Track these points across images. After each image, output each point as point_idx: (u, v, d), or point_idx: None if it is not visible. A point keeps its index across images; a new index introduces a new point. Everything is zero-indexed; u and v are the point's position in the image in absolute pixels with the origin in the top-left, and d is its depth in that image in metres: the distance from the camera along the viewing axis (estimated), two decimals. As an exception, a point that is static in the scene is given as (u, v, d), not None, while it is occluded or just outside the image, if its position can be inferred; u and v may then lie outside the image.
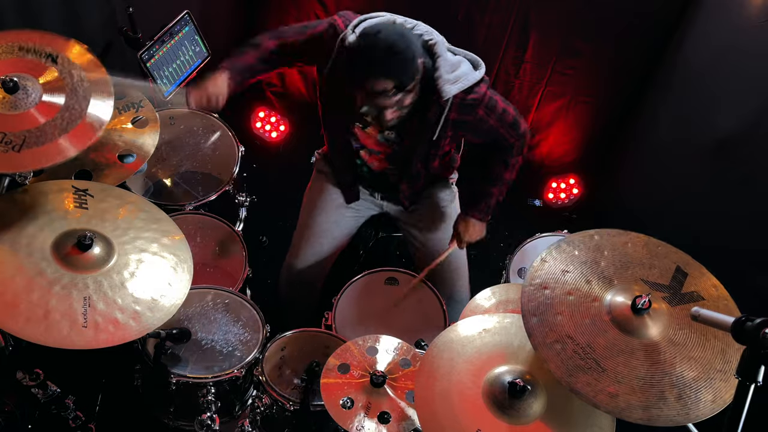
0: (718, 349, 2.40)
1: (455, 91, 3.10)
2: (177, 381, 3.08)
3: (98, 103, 2.72)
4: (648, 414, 2.31)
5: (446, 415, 2.58)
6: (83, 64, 2.80)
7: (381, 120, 3.10)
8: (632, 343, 2.43)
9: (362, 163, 3.63)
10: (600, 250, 2.69)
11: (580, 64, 4.91)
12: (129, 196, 3.03)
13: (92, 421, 3.47)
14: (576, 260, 2.67)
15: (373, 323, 3.58)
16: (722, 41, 3.98)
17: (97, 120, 2.69)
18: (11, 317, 2.44)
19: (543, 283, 2.61)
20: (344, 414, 2.87)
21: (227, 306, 3.37)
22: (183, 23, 3.98)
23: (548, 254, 2.70)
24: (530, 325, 2.52)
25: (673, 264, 2.62)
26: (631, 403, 2.33)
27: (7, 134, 2.54)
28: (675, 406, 2.31)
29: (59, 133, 2.60)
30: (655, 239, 2.72)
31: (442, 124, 3.21)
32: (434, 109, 3.16)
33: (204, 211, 3.80)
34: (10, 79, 2.60)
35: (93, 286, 2.61)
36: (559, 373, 2.41)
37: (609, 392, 2.35)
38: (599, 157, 5.37)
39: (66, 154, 2.58)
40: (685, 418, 2.31)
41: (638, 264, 2.64)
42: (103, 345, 2.51)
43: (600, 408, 2.34)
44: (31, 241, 2.64)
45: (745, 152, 3.74)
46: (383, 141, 3.42)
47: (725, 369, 2.36)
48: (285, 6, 5.25)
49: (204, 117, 4.09)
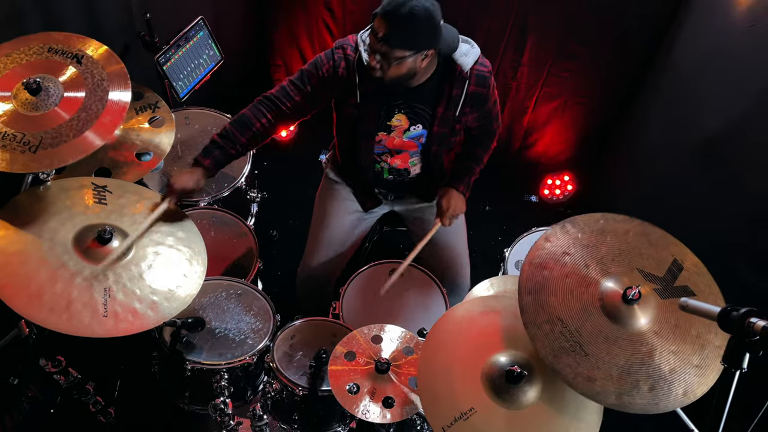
0: (698, 345, 2.38)
1: (471, 63, 3.20)
2: (192, 367, 3.08)
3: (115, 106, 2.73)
4: (620, 401, 2.32)
5: (445, 389, 2.58)
6: (106, 66, 2.81)
7: (383, 70, 3.07)
8: (618, 331, 2.42)
9: (382, 167, 3.62)
10: (603, 234, 2.67)
11: (575, 67, 4.91)
12: (146, 192, 3.03)
13: (111, 406, 3.48)
14: (578, 243, 2.64)
15: (378, 313, 3.58)
16: (710, 46, 3.97)
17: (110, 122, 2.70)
18: (36, 308, 2.44)
19: (543, 263, 2.59)
20: (350, 399, 2.87)
21: (239, 296, 3.37)
22: (197, 28, 3.99)
23: (553, 234, 2.68)
24: (524, 302, 2.51)
25: (671, 256, 2.60)
26: (606, 388, 2.33)
27: (26, 134, 2.55)
28: (646, 396, 2.31)
29: (74, 135, 2.61)
30: (658, 228, 2.70)
31: (463, 99, 3.27)
32: (458, 83, 3.23)
33: (217, 207, 3.81)
34: (34, 81, 2.60)
35: (113, 278, 2.62)
36: (544, 351, 2.41)
37: (587, 376, 2.35)
38: (593, 155, 5.37)
39: (81, 153, 2.59)
40: (654, 408, 2.31)
41: (636, 253, 2.61)
42: (123, 333, 2.52)
43: (576, 389, 2.35)
44: (54, 235, 2.65)
45: (731, 151, 3.74)
46: (408, 139, 3.44)
47: (702, 365, 2.35)
48: (294, 11, 5.25)
49: (218, 117, 4.11)
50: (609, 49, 4.73)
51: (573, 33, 4.73)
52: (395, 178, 3.67)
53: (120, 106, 2.75)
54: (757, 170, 3.55)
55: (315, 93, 3.31)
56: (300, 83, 3.31)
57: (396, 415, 2.84)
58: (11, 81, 2.65)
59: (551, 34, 4.79)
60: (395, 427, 3.20)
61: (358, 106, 3.32)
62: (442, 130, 3.39)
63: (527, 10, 4.69)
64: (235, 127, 3.30)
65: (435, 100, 3.29)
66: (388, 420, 2.83)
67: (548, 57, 4.91)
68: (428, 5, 2.90)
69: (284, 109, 3.33)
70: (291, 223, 4.95)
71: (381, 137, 3.43)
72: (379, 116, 3.35)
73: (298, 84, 3.31)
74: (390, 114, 3.35)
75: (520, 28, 4.79)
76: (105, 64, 2.82)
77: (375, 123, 3.37)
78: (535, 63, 4.96)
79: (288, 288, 4.12)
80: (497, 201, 5.37)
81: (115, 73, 2.81)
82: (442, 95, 3.27)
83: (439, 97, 3.28)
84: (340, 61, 3.24)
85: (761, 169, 3.53)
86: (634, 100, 4.88)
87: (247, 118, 3.32)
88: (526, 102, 5.22)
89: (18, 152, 2.51)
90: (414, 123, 3.37)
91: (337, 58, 3.24)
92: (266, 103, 3.35)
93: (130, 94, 2.79)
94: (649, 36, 4.58)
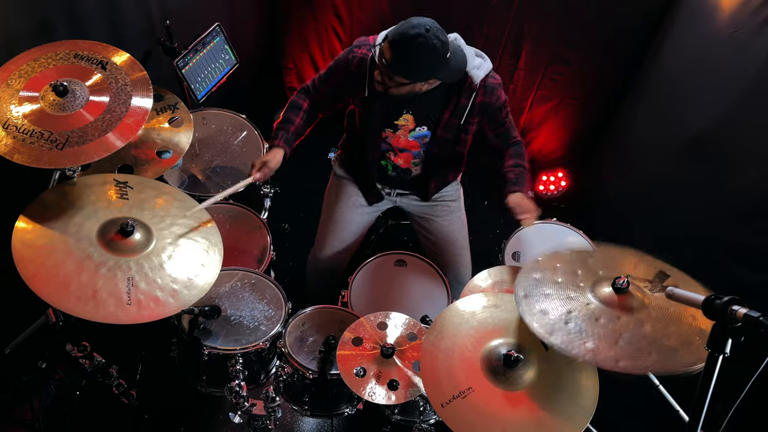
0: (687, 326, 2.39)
1: (482, 76, 3.21)
2: (209, 352, 3.08)
3: (137, 110, 2.74)
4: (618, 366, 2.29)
5: (445, 369, 2.60)
6: (129, 73, 2.82)
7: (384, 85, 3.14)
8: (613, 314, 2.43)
9: (387, 163, 3.65)
10: (591, 254, 2.72)
11: (568, 71, 4.90)
12: (164, 188, 3.03)
13: (133, 388, 3.48)
14: (567, 258, 2.69)
15: (383, 301, 3.59)
16: (695, 50, 3.96)
17: (134, 123, 2.71)
18: (64, 296, 2.45)
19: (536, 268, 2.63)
20: (357, 382, 2.88)
21: (253, 285, 3.37)
22: (214, 34, 3.98)
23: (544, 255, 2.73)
24: (519, 298, 2.55)
25: (656, 270, 2.60)
26: (608, 355, 2.31)
27: (54, 133, 2.56)
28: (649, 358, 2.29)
29: (98, 135, 2.62)
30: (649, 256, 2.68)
31: (469, 109, 3.28)
32: (466, 94, 3.24)
33: (233, 201, 3.81)
34: (61, 84, 2.61)
35: (135, 268, 2.62)
36: (542, 332, 2.42)
37: (585, 346, 2.35)
38: (585, 153, 5.36)
39: (104, 152, 2.60)
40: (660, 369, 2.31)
41: (624, 266, 2.62)
42: (146, 320, 2.52)
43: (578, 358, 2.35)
44: (79, 228, 2.65)
45: (715, 149, 3.73)
46: (413, 138, 3.45)
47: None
48: (305, 18, 5.24)
49: (233, 117, 4.11)
50: (599, 54, 4.72)
51: (565, 39, 4.72)
52: (398, 175, 3.69)
53: (142, 110, 2.76)
54: (740, 168, 3.56)
55: (335, 87, 3.49)
56: (324, 78, 3.52)
57: (400, 397, 2.85)
58: (39, 83, 2.66)
59: (545, 40, 4.78)
60: (400, 408, 3.21)
61: (368, 102, 3.36)
62: (446, 135, 3.40)
63: (523, 18, 4.69)
64: (289, 112, 3.57)
65: (443, 105, 3.30)
66: (393, 401, 2.85)
67: (543, 61, 4.91)
68: (435, 43, 2.91)
69: (315, 98, 3.60)
70: (302, 217, 4.94)
71: (387, 134, 3.45)
72: (387, 114, 3.38)
73: (323, 78, 3.54)
74: (398, 113, 3.37)
75: (517, 34, 4.79)
76: (128, 70, 2.83)
77: (382, 120, 3.39)
78: (531, 67, 4.96)
79: (299, 277, 4.14)
80: (496, 196, 5.36)
81: (138, 79, 2.82)
82: (450, 102, 3.28)
83: (447, 103, 3.29)
84: (354, 59, 3.31)
85: (743, 167, 3.53)
86: (623, 101, 4.87)
87: (295, 103, 3.59)
88: (522, 103, 5.22)
89: (45, 149, 2.51)
90: (420, 124, 3.38)
91: (351, 57, 3.32)
92: (302, 92, 3.62)
93: (152, 100, 2.80)
94: (637, 41, 4.57)
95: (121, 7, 3.52)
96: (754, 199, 3.49)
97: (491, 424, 2.46)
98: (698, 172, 3.87)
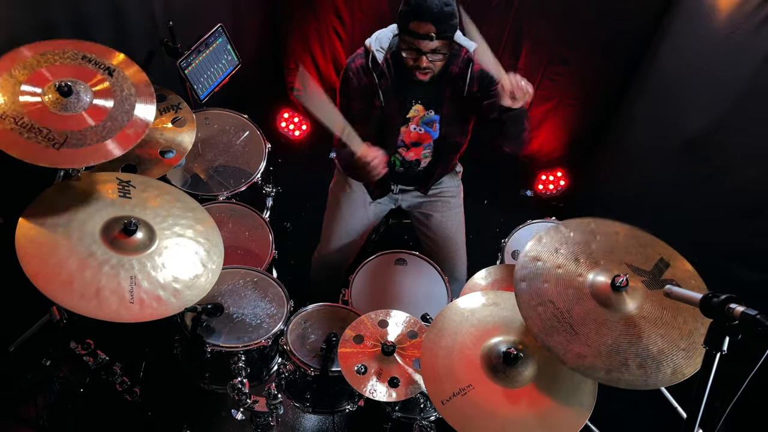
0: (686, 331, 2.38)
1: (475, 46, 3.26)
2: (211, 350, 3.08)
3: (139, 121, 2.75)
4: (610, 376, 2.31)
5: (445, 366, 2.59)
6: (135, 83, 2.82)
7: (417, 65, 3.14)
8: (607, 314, 2.42)
9: (395, 159, 3.67)
10: (593, 234, 2.67)
11: (567, 71, 4.89)
12: (166, 187, 3.03)
13: (137, 385, 3.48)
14: (570, 241, 2.65)
15: (384, 299, 3.58)
16: (693, 51, 3.95)
17: (134, 134, 2.71)
18: (67, 294, 2.45)
19: (536, 256, 2.60)
20: (359, 379, 2.88)
21: (256, 284, 3.37)
22: (217, 35, 3.97)
23: (546, 234, 2.68)
24: (519, 289, 2.53)
25: (657, 255, 2.60)
26: (595, 364, 2.32)
27: (52, 131, 2.55)
28: (635, 372, 2.30)
29: (97, 140, 2.61)
30: (648, 233, 2.69)
31: (469, 78, 3.31)
32: (463, 64, 3.29)
33: (235, 201, 3.80)
34: (65, 84, 2.60)
35: (138, 267, 2.62)
36: (536, 330, 2.42)
37: (577, 353, 2.35)
38: (583, 153, 5.35)
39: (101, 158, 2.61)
40: (643, 384, 2.30)
41: (625, 251, 2.61)
42: (149, 319, 2.53)
43: (567, 364, 2.35)
44: (83, 226, 2.65)
45: (713, 149, 3.73)
46: (423, 125, 3.48)
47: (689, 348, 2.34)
48: (306, 19, 5.24)
49: (235, 117, 4.11)
50: (599, 54, 4.71)
51: (565, 39, 4.71)
52: (405, 170, 3.72)
53: (144, 122, 2.77)
54: (738, 167, 3.55)
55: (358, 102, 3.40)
56: (345, 106, 3.42)
57: (401, 394, 2.85)
58: (43, 78, 2.65)
59: (545, 41, 4.77)
60: (400, 405, 3.20)
61: (383, 106, 3.38)
62: (452, 111, 3.43)
63: (522, 18, 4.67)
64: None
65: (443, 83, 3.33)
66: (393, 398, 2.85)
67: (542, 62, 4.89)
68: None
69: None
70: (303, 216, 4.94)
71: (401, 131, 3.48)
72: (402, 110, 3.42)
73: (344, 106, 3.42)
74: (409, 106, 3.41)
75: (516, 34, 4.77)
76: (135, 80, 2.83)
77: (399, 117, 3.43)
78: (530, 67, 4.94)
79: (301, 276, 4.15)
80: (496, 195, 5.37)
81: (143, 91, 2.83)
82: (449, 78, 3.32)
83: (446, 81, 3.33)
84: (357, 72, 3.33)
85: (741, 167, 3.52)
86: (621, 102, 4.86)
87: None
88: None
89: (42, 146, 2.50)
90: (428, 109, 3.43)
91: (352, 75, 3.35)
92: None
93: (154, 113, 2.81)
94: (635, 42, 4.56)
95: (125, 7, 3.51)
96: (752, 199, 3.49)
97: (491, 421, 2.45)
98: (696, 172, 3.87)
